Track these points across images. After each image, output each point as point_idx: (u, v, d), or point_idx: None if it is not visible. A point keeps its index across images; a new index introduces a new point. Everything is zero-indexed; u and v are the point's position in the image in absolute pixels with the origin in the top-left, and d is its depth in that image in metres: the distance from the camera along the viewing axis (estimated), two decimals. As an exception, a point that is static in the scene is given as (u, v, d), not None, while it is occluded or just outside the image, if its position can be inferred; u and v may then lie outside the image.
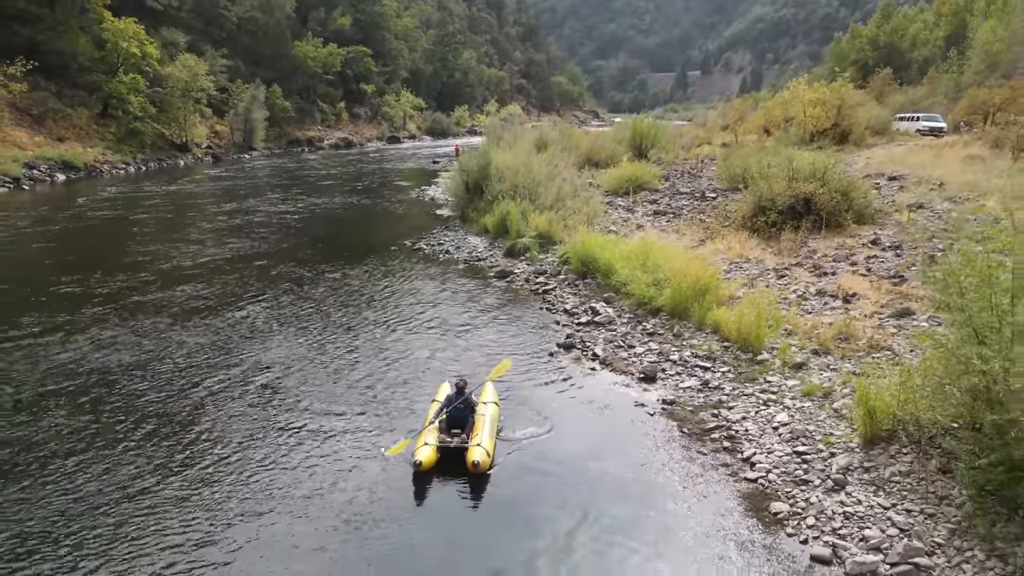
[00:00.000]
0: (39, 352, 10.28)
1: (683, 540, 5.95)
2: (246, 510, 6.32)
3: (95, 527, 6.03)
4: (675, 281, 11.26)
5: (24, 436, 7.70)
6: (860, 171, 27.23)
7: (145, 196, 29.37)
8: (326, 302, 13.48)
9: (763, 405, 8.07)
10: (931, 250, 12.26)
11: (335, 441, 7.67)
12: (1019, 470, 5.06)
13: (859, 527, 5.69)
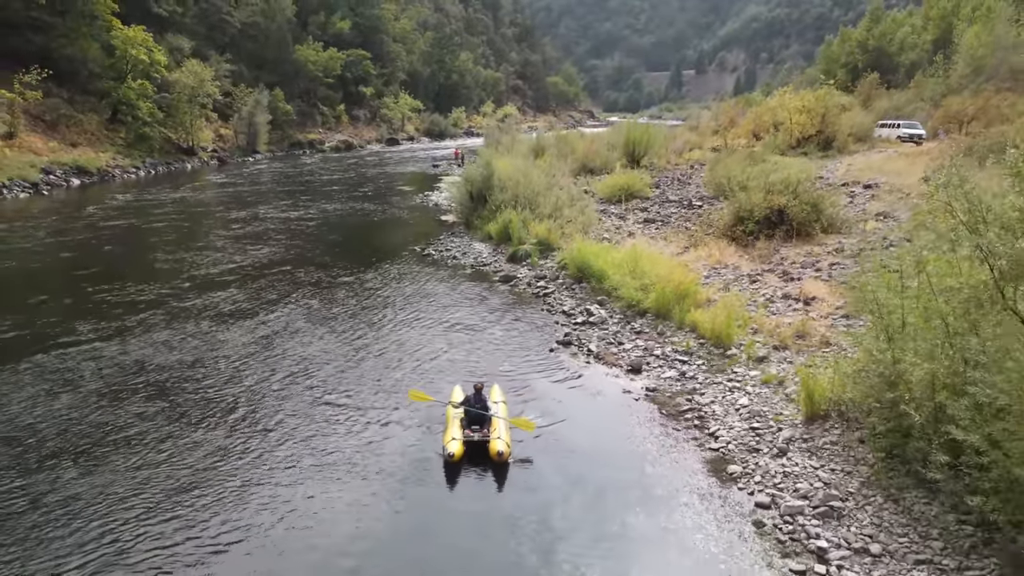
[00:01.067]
0: (102, 353, 11.84)
1: (659, 494, 7.61)
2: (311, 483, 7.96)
3: (180, 488, 7.66)
4: (659, 286, 12.93)
5: (106, 422, 9.31)
6: (839, 178, 28.92)
7: (160, 202, 30.81)
8: (348, 303, 15.11)
9: (729, 391, 9.73)
10: (886, 258, 13.91)
11: (374, 429, 9.24)
12: (908, 435, 6.71)
13: (794, 482, 7.35)
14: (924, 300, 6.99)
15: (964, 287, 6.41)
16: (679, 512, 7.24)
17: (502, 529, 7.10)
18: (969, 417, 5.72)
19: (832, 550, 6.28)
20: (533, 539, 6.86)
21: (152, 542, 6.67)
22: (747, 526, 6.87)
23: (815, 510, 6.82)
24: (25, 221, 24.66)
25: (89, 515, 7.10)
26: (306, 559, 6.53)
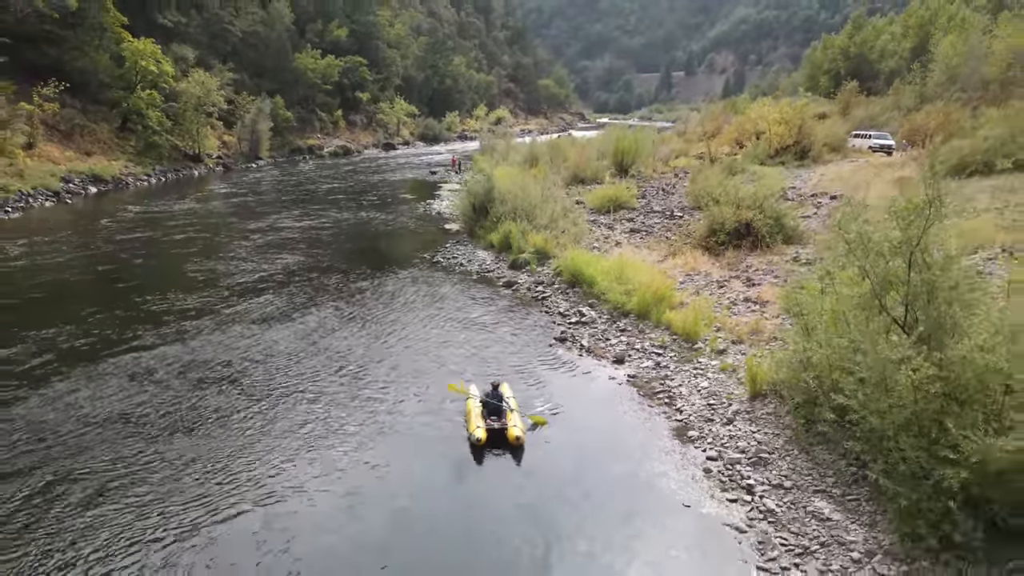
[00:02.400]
0: (170, 352, 14.06)
1: (636, 452, 10.00)
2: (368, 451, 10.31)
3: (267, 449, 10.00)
4: (641, 291, 15.33)
5: (196, 406, 11.62)
6: (810, 189, 31.42)
7: (177, 212, 32.78)
8: (373, 305, 17.45)
9: (693, 377, 12.14)
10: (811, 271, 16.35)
11: (414, 414, 11.56)
12: (815, 404, 9.12)
13: (736, 442, 9.76)
14: (830, 304, 9.41)
15: (854, 295, 8.82)
16: (649, 463, 9.64)
17: (523, 484, 9.48)
18: (852, 388, 8.13)
19: (758, 486, 8.69)
20: (545, 489, 9.25)
21: (251, 486, 9.02)
22: (699, 471, 9.28)
23: (749, 460, 9.24)
24: (57, 232, 26.62)
25: (206, 469, 9.44)
26: (376, 507, 8.89)
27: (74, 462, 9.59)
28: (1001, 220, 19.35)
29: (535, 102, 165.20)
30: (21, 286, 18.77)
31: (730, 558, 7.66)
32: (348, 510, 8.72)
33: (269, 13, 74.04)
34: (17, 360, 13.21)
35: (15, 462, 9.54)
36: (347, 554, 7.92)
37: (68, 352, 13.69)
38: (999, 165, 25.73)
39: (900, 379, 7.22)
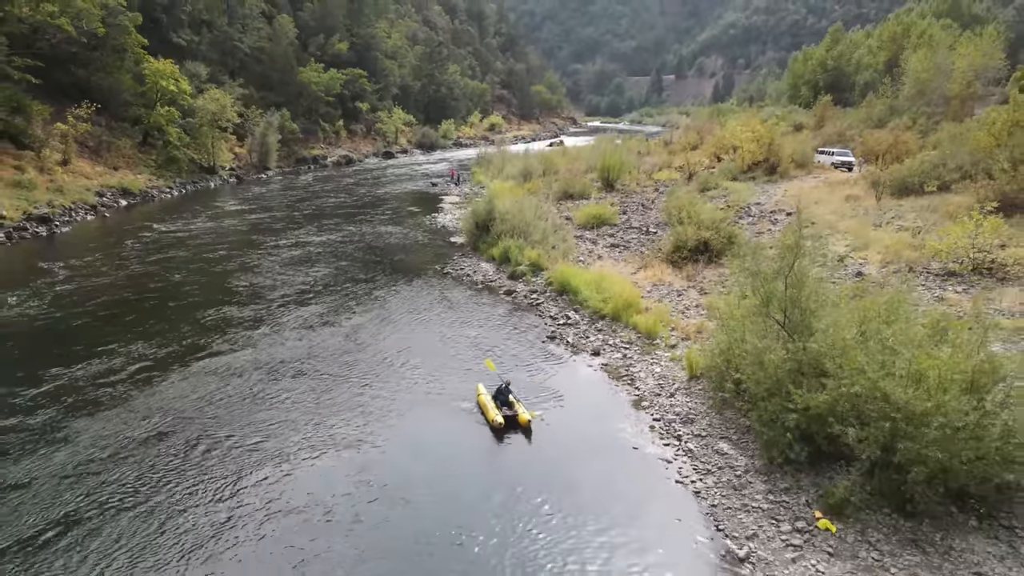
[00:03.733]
0: (243, 356, 18.05)
1: (604, 418, 14.08)
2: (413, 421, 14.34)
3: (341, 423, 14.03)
4: (614, 299, 19.42)
5: (276, 395, 15.62)
6: (772, 205, 35.53)
7: (205, 230, 36.40)
8: (398, 309, 21.48)
9: (650, 365, 16.23)
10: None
11: (446, 396, 15.57)
12: (724, 380, 13.20)
13: (674, 409, 13.84)
14: (741, 310, 13.49)
15: (750, 305, 12.91)
16: (614, 423, 13.73)
17: (528, 442, 13.53)
18: (743, 367, 12.20)
19: (684, 435, 12.79)
20: (543, 445, 13.30)
21: (340, 436, 13.06)
22: (646, 427, 13.39)
23: (680, 420, 13.34)
24: (107, 249, 30.17)
25: (307, 424, 13.48)
26: (423, 464, 12.93)
27: (203, 429, 13.61)
28: (912, 239, 23.52)
29: (528, 107, 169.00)
30: (99, 302, 22.66)
31: (660, 477, 11.75)
32: (411, 454, 12.77)
33: (274, 29, 77.86)
34: (123, 366, 17.18)
35: (165, 430, 13.54)
36: (409, 479, 11.93)
37: (161, 358, 17.58)
38: (926, 187, 29.91)
39: (766, 360, 11.33)
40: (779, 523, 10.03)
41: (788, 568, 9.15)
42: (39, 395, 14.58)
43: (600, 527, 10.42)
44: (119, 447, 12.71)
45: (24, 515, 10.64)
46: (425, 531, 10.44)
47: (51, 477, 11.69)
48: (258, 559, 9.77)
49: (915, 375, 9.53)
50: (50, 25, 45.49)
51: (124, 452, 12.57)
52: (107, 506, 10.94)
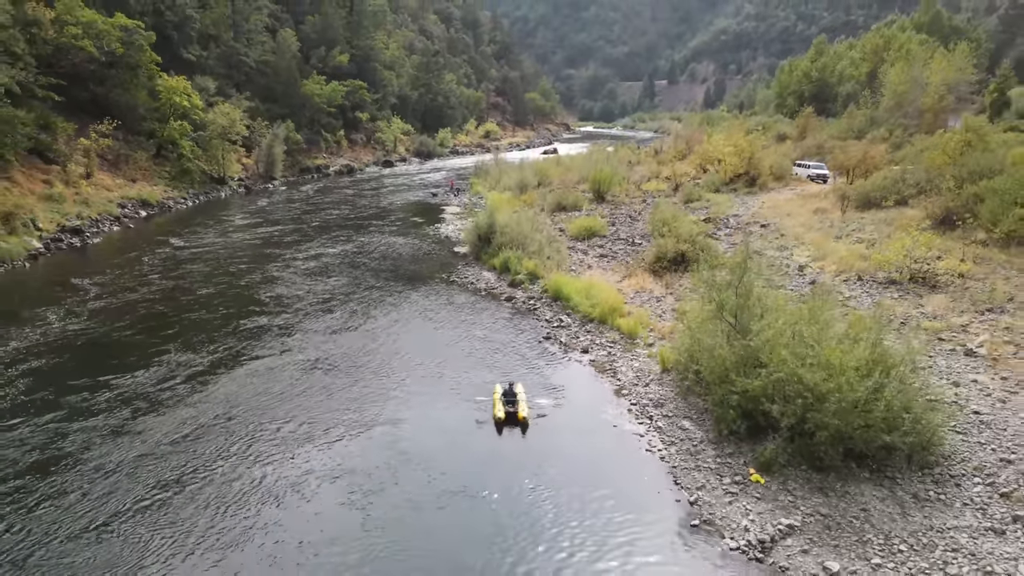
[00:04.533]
0: (281, 358, 21.05)
1: (590, 404, 17.11)
2: (423, 412, 17.35)
3: (369, 406, 17.03)
4: (601, 304, 22.46)
5: (319, 385, 18.62)
6: (749, 217, 38.62)
7: (222, 243, 39.50)
8: (410, 315, 24.48)
9: (631, 360, 19.27)
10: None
11: (457, 396, 18.58)
12: (688, 371, 16.24)
13: (648, 395, 16.89)
14: (702, 314, 16.53)
15: (708, 310, 15.95)
16: (597, 407, 16.77)
17: (531, 429, 16.53)
18: (705, 360, 15.24)
19: (655, 415, 15.84)
20: (542, 425, 16.30)
21: (372, 417, 16.06)
22: (624, 411, 16.44)
23: (653, 404, 16.38)
24: (137, 261, 32.88)
25: (345, 409, 16.47)
26: (442, 440, 15.93)
27: (259, 417, 16.61)
28: (865, 251, 26.65)
29: (522, 114, 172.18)
30: (140, 314, 25.60)
31: (634, 448, 14.79)
32: (433, 433, 15.78)
33: (277, 42, 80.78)
34: (175, 372, 20.15)
35: (227, 420, 16.52)
36: (431, 451, 14.91)
37: (207, 363, 20.42)
38: (884, 202, 33.07)
39: (717, 354, 14.39)
40: (722, 478, 13.08)
41: (725, 508, 12.19)
42: (109, 399, 17.35)
43: (584, 485, 13.44)
44: (193, 434, 15.64)
45: (130, 486, 13.62)
46: (445, 489, 13.46)
47: (139, 459, 14.65)
48: (321, 507, 12.75)
49: (823, 364, 12.60)
50: (74, 46, 48.30)
51: (198, 436, 15.51)
52: (198, 472, 13.91)
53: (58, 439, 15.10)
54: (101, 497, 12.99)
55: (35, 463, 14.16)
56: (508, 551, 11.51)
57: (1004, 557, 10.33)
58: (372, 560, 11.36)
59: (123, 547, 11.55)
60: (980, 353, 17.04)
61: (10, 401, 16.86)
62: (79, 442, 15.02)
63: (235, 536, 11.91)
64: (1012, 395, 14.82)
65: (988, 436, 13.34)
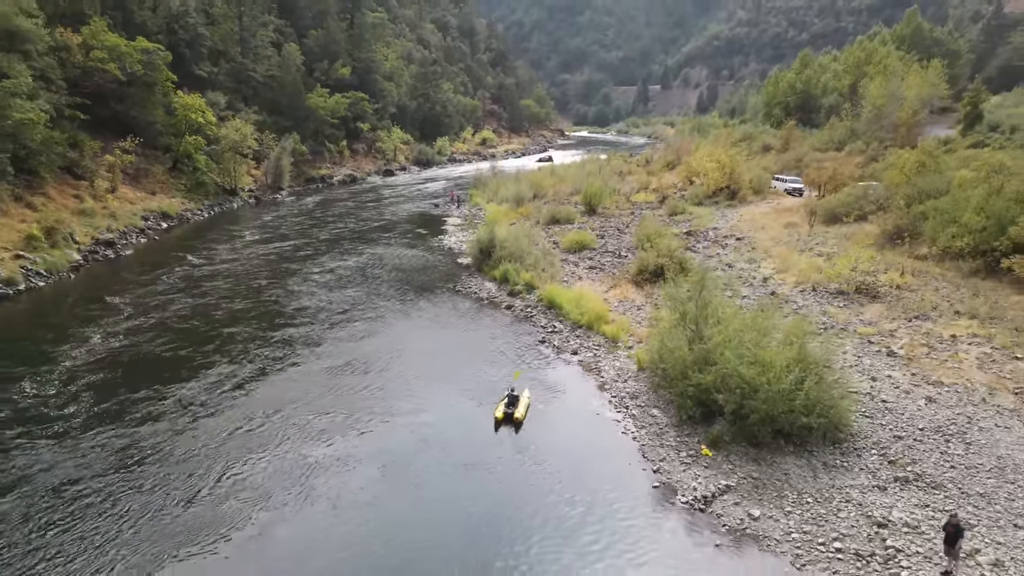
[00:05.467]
0: (315, 363, 24.50)
1: (578, 396, 20.64)
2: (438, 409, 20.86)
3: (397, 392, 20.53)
4: (589, 313, 25.97)
5: (347, 384, 22.11)
6: (727, 230, 42.16)
7: (240, 257, 42.77)
8: (422, 321, 27.97)
9: (613, 361, 22.79)
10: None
11: (463, 393, 22.06)
12: (658, 368, 19.76)
13: (626, 390, 20.41)
14: (670, 322, 20.04)
15: (673, 319, 19.47)
16: (583, 399, 20.30)
17: (528, 418, 20.01)
18: (670, 360, 18.75)
19: (631, 406, 19.36)
20: (537, 415, 19.80)
21: (395, 408, 19.55)
22: (605, 402, 19.96)
23: (630, 396, 19.92)
24: (165, 273, 36.22)
25: (373, 398, 19.95)
26: (457, 427, 19.42)
27: (303, 410, 20.07)
28: (823, 264, 30.21)
29: (517, 121, 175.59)
30: (180, 328, 29.00)
31: (612, 431, 18.31)
32: (450, 421, 19.25)
33: (283, 57, 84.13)
34: (222, 379, 23.61)
35: (278, 415, 19.98)
36: (448, 434, 18.38)
37: (249, 370, 23.95)
38: (845, 218, 36.68)
39: (678, 356, 17.92)
40: (679, 452, 16.61)
41: (680, 475, 15.72)
42: (170, 405, 20.48)
43: (569, 460, 16.94)
44: (249, 427, 19.05)
45: (207, 468, 17.09)
46: (458, 462, 16.98)
47: (207, 450, 18.10)
48: (361, 477, 16.23)
49: (758, 362, 16.13)
50: (99, 69, 51.64)
51: (253, 429, 18.95)
52: (263, 454, 17.38)
53: (136, 437, 18.53)
54: (183, 479, 16.44)
55: (125, 452, 17.60)
56: (508, 507, 15.02)
57: (882, 506, 13.87)
58: (402, 510, 14.87)
59: (215, 512, 15.00)
60: (900, 354, 20.63)
61: (84, 411, 19.74)
62: (154, 438, 18.43)
63: (300, 494, 15.38)
64: (915, 387, 18.42)
65: (889, 419, 16.92)
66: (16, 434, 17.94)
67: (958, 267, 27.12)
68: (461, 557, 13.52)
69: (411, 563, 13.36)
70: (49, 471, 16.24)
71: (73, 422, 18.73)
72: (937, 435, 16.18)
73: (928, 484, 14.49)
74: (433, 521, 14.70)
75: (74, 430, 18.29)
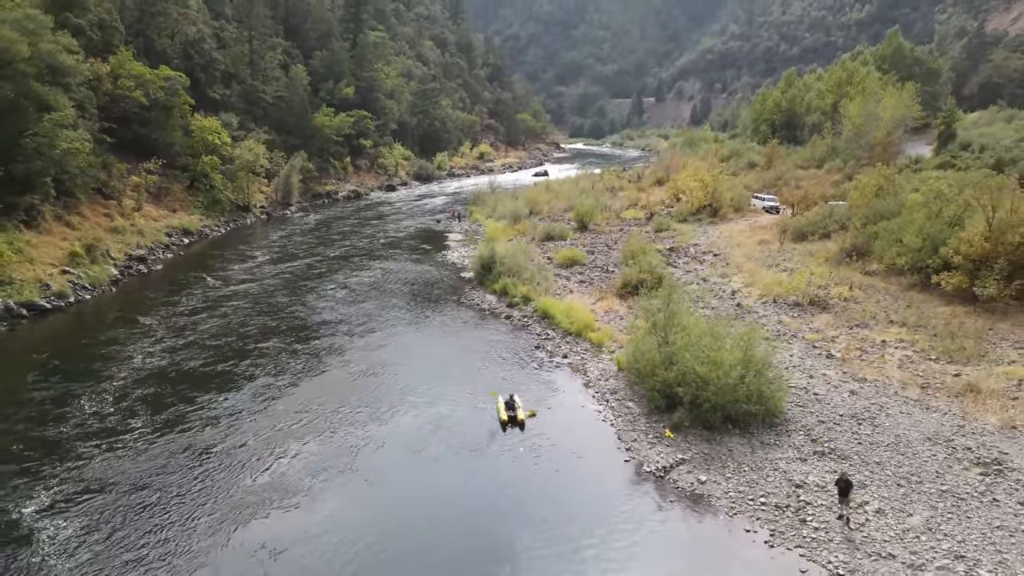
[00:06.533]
0: (346, 368, 28.35)
1: (566, 393, 24.52)
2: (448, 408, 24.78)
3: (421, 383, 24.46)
4: (578, 322, 29.89)
5: (366, 386, 26.00)
6: (706, 246, 46.14)
7: (258, 275, 46.79)
8: (430, 330, 31.87)
9: (597, 363, 26.71)
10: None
11: (470, 389, 25.93)
12: (634, 370, 23.68)
13: (608, 386, 24.31)
14: (644, 330, 23.96)
15: (646, 326, 23.39)
16: (571, 395, 24.22)
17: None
18: (642, 361, 22.68)
19: (611, 400, 23.25)
20: (536, 425, 23.72)
21: (411, 402, 23.45)
22: (590, 397, 23.86)
23: (610, 391, 23.82)
24: (193, 288, 40.37)
25: (397, 392, 23.84)
26: (454, 420, 23.32)
27: (335, 406, 23.92)
28: (786, 279, 34.17)
29: (514, 134, 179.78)
30: (219, 343, 32.85)
31: (594, 420, 22.21)
32: (455, 412, 23.11)
33: (290, 78, 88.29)
34: (267, 386, 27.46)
35: (317, 411, 23.83)
36: (458, 426, 22.22)
37: (287, 379, 27.85)
38: (809, 237, 40.72)
39: (648, 357, 21.85)
40: (648, 435, 20.51)
41: (647, 452, 19.60)
42: (219, 408, 24.48)
43: (560, 442, 20.81)
44: (292, 423, 22.92)
45: (265, 450, 20.93)
46: (465, 445, 20.83)
47: (259, 442, 21.95)
48: (388, 455, 20.08)
49: (710, 362, 20.05)
50: (126, 96, 55.65)
51: (295, 423, 22.82)
52: (311, 438, 21.23)
53: (197, 436, 22.38)
54: (246, 463, 20.27)
55: (190, 448, 21.44)
56: (509, 475, 18.90)
57: (801, 472, 17.82)
58: (423, 481, 18.73)
59: (279, 483, 18.84)
60: (836, 356, 24.60)
61: (145, 416, 23.14)
62: (212, 437, 22.25)
63: (341, 470, 19.24)
64: (843, 383, 22.38)
65: (817, 408, 20.88)
66: (93, 435, 21.78)
67: (899, 282, 31.13)
68: (474, 509, 17.37)
69: (435, 512, 17.25)
70: (133, 464, 20.05)
71: (138, 427, 22.17)
72: (852, 420, 20.13)
73: (838, 456, 18.41)
74: (447, 486, 18.57)
75: (141, 434, 21.70)
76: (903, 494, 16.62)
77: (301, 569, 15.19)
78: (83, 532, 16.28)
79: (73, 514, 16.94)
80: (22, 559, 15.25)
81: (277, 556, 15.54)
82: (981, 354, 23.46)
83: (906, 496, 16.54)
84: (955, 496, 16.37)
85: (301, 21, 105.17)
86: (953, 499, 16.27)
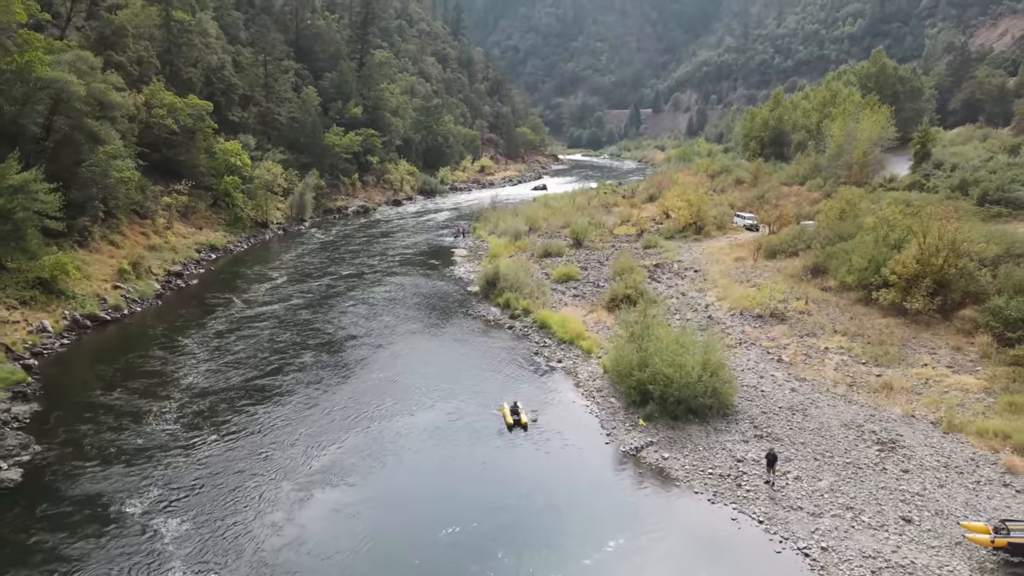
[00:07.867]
0: (374, 375, 33.25)
1: (559, 392, 29.41)
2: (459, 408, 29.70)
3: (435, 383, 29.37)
4: (571, 332, 34.81)
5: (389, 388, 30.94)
6: (689, 263, 51.02)
7: (282, 289, 51.77)
8: (442, 338, 36.75)
9: (587, 367, 31.59)
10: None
11: (480, 389, 30.80)
12: (615, 372, 28.57)
13: (595, 386, 29.20)
14: (625, 339, 28.85)
15: (625, 335, 28.29)
16: (564, 394, 29.11)
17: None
18: (621, 364, 27.58)
19: (597, 397, 28.13)
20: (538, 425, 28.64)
21: (422, 400, 28.37)
22: (580, 395, 28.78)
23: (596, 390, 28.69)
24: (228, 301, 45.38)
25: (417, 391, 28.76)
26: (466, 414, 28.23)
27: (368, 404, 28.78)
28: (753, 293, 39.07)
29: (514, 147, 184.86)
30: (260, 358, 37.75)
31: (583, 413, 27.10)
32: (467, 408, 27.99)
33: (302, 99, 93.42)
34: (317, 393, 32.37)
35: (353, 411, 28.71)
36: (466, 425, 27.10)
37: (322, 388, 32.76)
38: (778, 255, 45.65)
39: (626, 360, 26.76)
40: (625, 424, 25.39)
41: (624, 436, 24.48)
42: (270, 413, 29.48)
43: (554, 429, 25.67)
44: (334, 419, 27.78)
45: (315, 441, 25.83)
46: (481, 429, 25.71)
47: (312, 433, 26.83)
48: (413, 441, 24.95)
49: (676, 364, 24.95)
50: (159, 123, 60.70)
51: (336, 419, 27.67)
52: (348, 430, 26.11)
53: (259, 434, 27.25)
54: (304, 452, 25.15)
55: (256, 442, 26.32)
56: (511, 457, 23.80)
57: (742, 451, 22.73)
58: (441, 464, 23.64)
59: (331, 463, 23.71)
60: (785, 360, 29.52)
61: (205, 424, 28.38)
62: (272, 434, 27.12)
63: (375, 454, 24.11)
64: (786, 382, 27.31)
65: (762, 402, 25.79)
66: (171, 440, 26.67)
67: (848, 297, 36.06)
68: (487, 482, 22.29)
69: (455, 486, 22.15)
70: (215, 460, 24.92)
71: (205, 431, 26.54)
72: (789, 411, 25.07)
73: (773, 438, 23.34)
74: (466, 466, 23.47)
75: (210, 437, 26.26)
76: (817, 465, 21.55)
77: (365, 522, 20.04)
78: (193, 510, 21.12)
79: (181, 499, 21.54)
80: (157, 539, 20.12)
81: (347, 514, 20.43)
82: (901, 358, 28.40)
83: (820, 467, 21.47)
84: (856, 466, 21.30)
85: (311, 43, 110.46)
86: (854, 468, 21.19)
